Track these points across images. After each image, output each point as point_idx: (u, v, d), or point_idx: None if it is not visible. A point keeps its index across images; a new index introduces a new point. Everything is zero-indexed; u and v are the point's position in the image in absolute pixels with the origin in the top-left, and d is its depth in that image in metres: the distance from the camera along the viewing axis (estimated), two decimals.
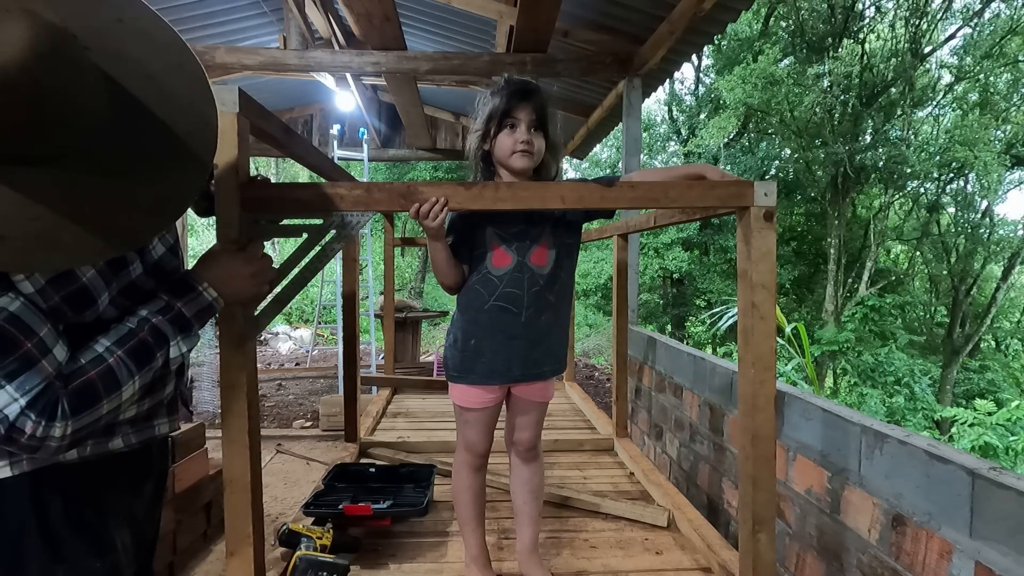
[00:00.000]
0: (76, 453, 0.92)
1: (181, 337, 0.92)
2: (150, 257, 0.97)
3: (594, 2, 3.58)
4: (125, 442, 0.99)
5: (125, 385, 0.85)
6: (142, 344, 0.88)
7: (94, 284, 0.86)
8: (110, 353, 0.85)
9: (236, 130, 1.06)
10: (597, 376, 8.29)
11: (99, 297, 0.87)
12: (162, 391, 1.03)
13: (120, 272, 0.91)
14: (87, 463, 0.94)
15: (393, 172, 14.80)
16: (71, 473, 0.92)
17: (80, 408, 0.81)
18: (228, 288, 0.99)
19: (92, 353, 0.84)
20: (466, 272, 1.50)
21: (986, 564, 1.07)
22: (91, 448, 0.94)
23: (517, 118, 1.39)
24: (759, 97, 12.58)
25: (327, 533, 1.67)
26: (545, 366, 1.53)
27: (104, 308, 0.88)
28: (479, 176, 1.50)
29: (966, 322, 13.79)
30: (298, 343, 10.40)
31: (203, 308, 0.95)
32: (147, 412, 1.02)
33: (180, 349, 0.92)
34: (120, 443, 0.98)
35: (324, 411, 4.95)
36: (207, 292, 0.95)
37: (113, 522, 0.98)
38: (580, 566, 1.73)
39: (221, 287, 0.97)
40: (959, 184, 14.43)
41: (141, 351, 0.87)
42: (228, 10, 4.73)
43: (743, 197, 1.22)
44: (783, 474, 1.73)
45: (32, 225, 0.70)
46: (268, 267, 1.06)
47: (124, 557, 0.99)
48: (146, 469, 1.07)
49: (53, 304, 0.81)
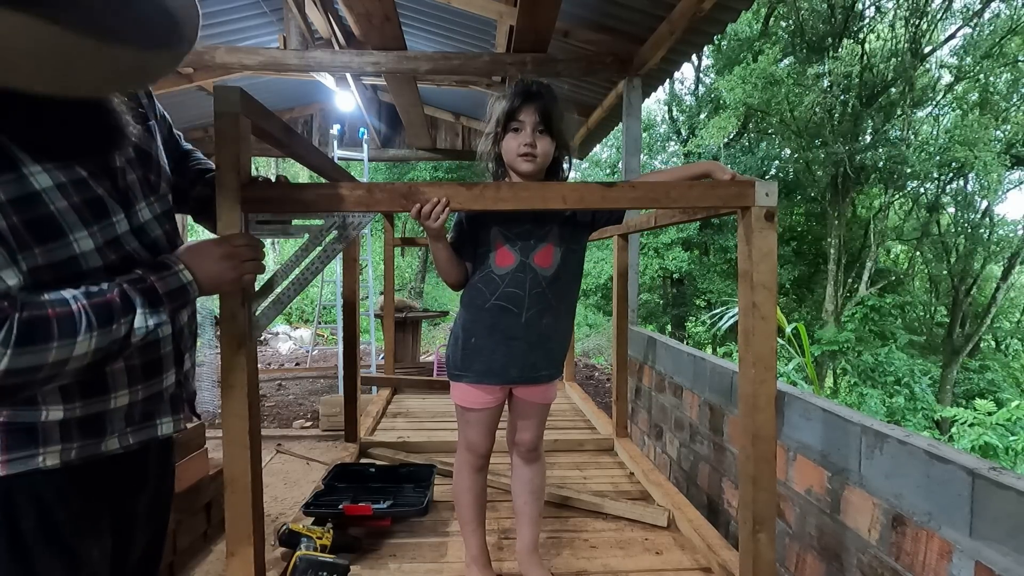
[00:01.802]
0: (59, 458, 0.88)
1: (149, 310, 0.88)
2: (136, 218, 0.95)
3: (594, 2, 3.58)
4: (122, 443, 0.95)
5: (80, 336, 0.80)
6: (108, 304, 0.84)
7: (65, 217, 0.83)
8: (75, 300, 0.81)
9: (238, 130, 1.06)
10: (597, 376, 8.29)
11: (71, 233, 0.84)
12: (159, 380, 0.99)
13: (103, 220, 0.89)
14: (71, 469, 0.89)
15: (393, 172, 14.80)
16: (52, 481, 0.88)
17: (27, 340, 0.75)
18: (203, 270, 0.96)
19: (57, 295, 0.81)
20: (469, 270, 1.50)
21: (986, 564, 1.07)
22: (77, 452, 0.89)
23: (522, 121, 1.39)
24: (759, 97, 12.58)
25: (327, 533, 1.67)
26: (542, 371, 1.52)
27: (85, 254, 0.86)
28: (494, 178, 1.50)
29: (966, 322, 13.79)
30: (298, 343, 10.40)
31: (176, 288, 0.92)
32: (145, 406, 0.98)
33: (146, 322, 0.87)
34: (116, 444, 0.94)
35: (324, 411, 4.96)
36: (182, 273, 0.93)
37: (91, 537, 0.94)
38: (580, 566, 1.73)
39: (196, 269, 0.95)
40: (959, 184, 14.43)
41: (105, 310, 0.83)
42: (228, 10, 4.73)
43: (744, 197, 1.22)
44: (783, 474, 1.73)
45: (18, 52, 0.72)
46: (246, 251, 1.01)
47: (101, 566, 0.95)
48: (141, 475, 1.03)
49: (12, 224, 0.78)
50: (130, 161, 0.95)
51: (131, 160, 0.95)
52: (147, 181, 0.98)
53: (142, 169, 0.98)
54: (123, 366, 0.94)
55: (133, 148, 0.96)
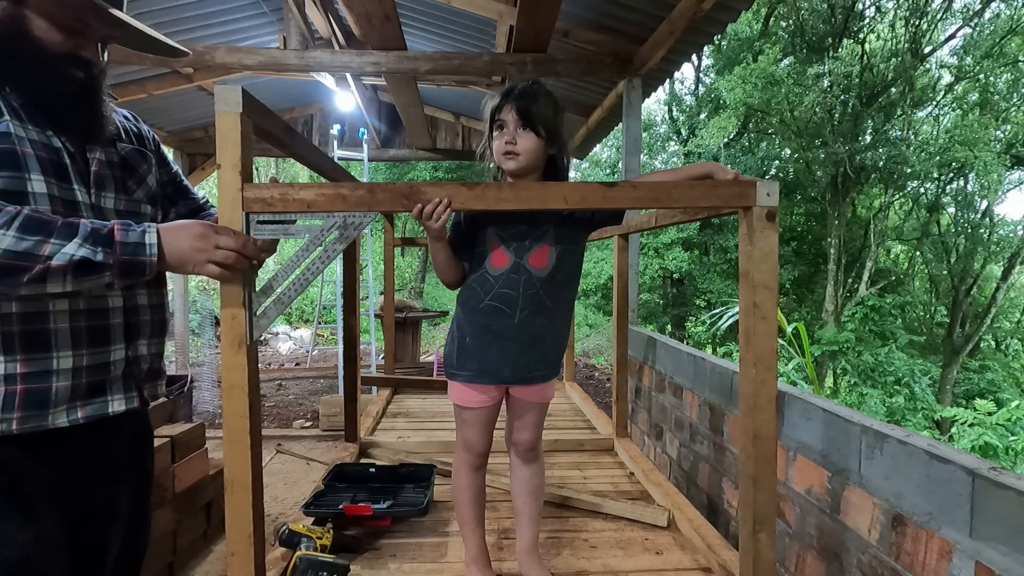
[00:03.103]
0: (3, 426, 0.91)
1: (89, 246, 0.88)
2: (99, 201, 1.02)
3: (594, 2, 3.58)
4: (70, 417, 0.97)
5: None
6: (44, 221, 0.87)
7: (27, 160, 0.93)
8: (14, 207, 0.86)
9: (239, 130, 1.06)
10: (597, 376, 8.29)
11: (28, 172, 0.92)
12: (105, 350, 1.01)
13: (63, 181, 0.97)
14: (15, 438, 0.92)
15: (393, 172, 14.80)
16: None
17: None
18: (173, 244, 0.96)
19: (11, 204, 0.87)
20: (466, 270, 1.50)
21: (986, 564, 1.07)
22: (19, 423, 0.92)
23: (504, 119, 1.39)
24: (759, 97, 12.58)
25: (327, 533, 1.67)
26: (536, 371, 1.52)
27: (36, 194, 0.93)
28: (493, 178, 1.50)
29: (966, 322, 13.79)
30: (298, 343, 10.40)
31: (134, 242, 0.92)
32: (90, 375, 0.99)
33: (73, 254, 0.86)
34: (64, 418, 0.96)
35: (324, 411, 4.96)
36: (148, 233, 0.94)
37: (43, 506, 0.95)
38: (580, 566, 1.73)
39: (166, 239, 0.95)
40: (959, 184, 14.43)
41: (37, 223, 0.86)
42: (228, 10, 4.73)
43: (745, 197, 1.22)
44: (783, 474, 1.73)
45: None
46: (226, 241, 1.01)
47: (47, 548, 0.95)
48: (109, 466, 1.07)
49: None
50: (110, 163, 1.06)
51: (111, 163, 1.07)
52: (122, 182, 1.08)
53: (121, 172, 1.08)
54: (67, 327, 0.96)
55: (117, 156, 1.08)
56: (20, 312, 0.92)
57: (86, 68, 1.00)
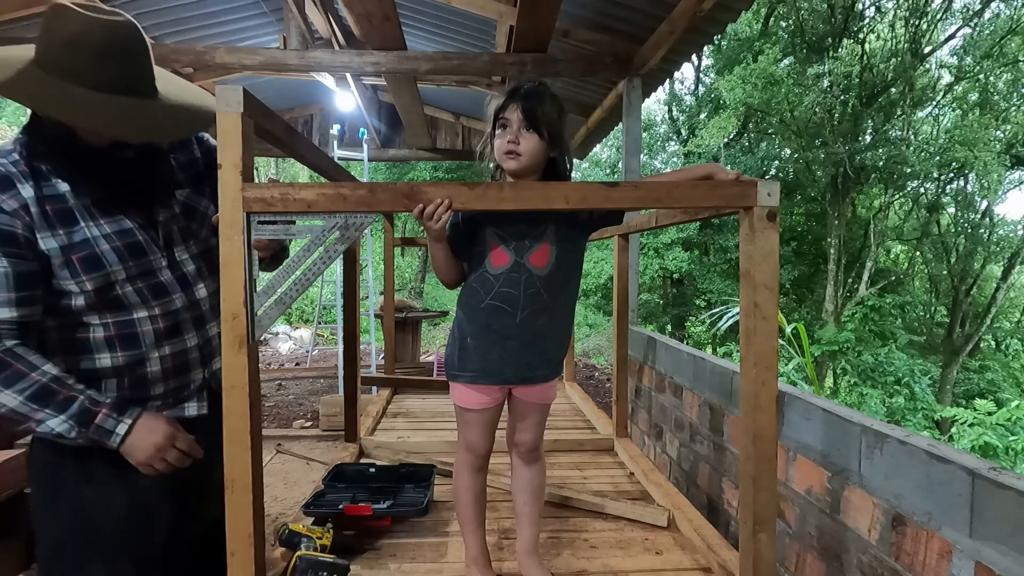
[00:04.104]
0: None
1: (70, 423, 1.09)
2: (173, 256, 1.25)
3: (594, 2, 3.58)
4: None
5: (6, 391, 1.06)
6: (53, 393, 1.09)
7: (106, 256, 1.14)
8: (43, 375, 1.09)
9: (240, 130, 1.06)
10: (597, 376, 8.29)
11: (109, 267, 1.14)
12: (187, 376, 1.26)
13: (140, 258, 1.18)
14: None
15: (393, 172, 14.79)
16: None
17: None
18: (138, 441, 1.14)
19: (40, 361, 1.10)
20: (465, 270, 1.50)
21: (986, 564, 1.07)
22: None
23: (507, 119, 1.39)
24: (759, 97, 12.58)
25: (327, 533, 1.67)
26: (537, 370, 1.51)
27: (119, 281, 1.15)
28: (492, 178, 1.50)
29: (966, 322, 13.79)
30: (298, 343, 10.40)
31: (105, 429, 1.11)
32: (175, 394, 1.25)
33: (56, 427, 1.09)
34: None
35: (324, 411, 4.96)
36: (119, 427, 1.13)
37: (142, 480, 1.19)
38: (580, 566, 1.73)
39: (135, 435, 1.14)
40: (959, 184, 14.44)
41: (46, 394, 1.08)
42: (228, 10, 4.73)
43: (746, 197, 1.22)
44: (783, 474, 1.73)
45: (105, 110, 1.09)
46: (176, 459, 1.18)
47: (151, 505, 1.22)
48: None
49: (67, 260, 1.10)
50: (174, 216, 1.25)
51: (175, 215, 1.25)
52: (188, 229, 1.27)
53: (185, 221, 1.27)
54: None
55: (180, 205, 1.26)
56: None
57: (135, 148, 1.18)
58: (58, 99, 1.06)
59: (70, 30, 1.05)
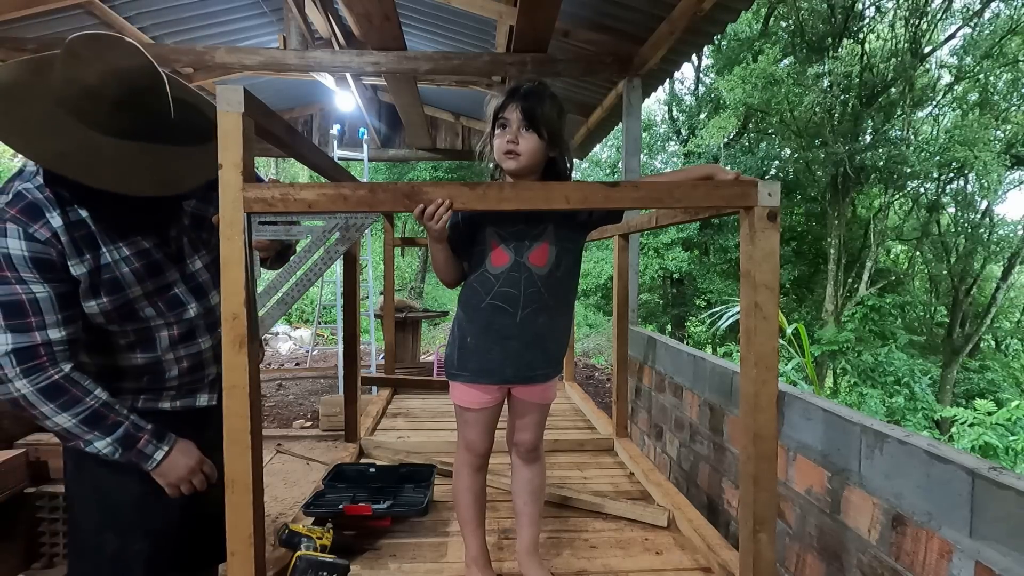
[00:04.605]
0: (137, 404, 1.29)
1: (114, 445, 1.18)
2: (187, 269, 1.31)
3: (594, 2, 3.58)
4: (171, 405, 1.34)
5: (66, 415, 1.15)
6: (104, 418, 1.18)
7: (125, 278, 1.20)
8: (95, 399, 1.17)
9: (241, 130, 1.06)
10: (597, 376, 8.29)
11: (128, 288, 1.21)
12: (201, 372, 1.36)
13: (156, 277, 1.25)
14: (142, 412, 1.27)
15: (393, 172, 14.78)
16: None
17: (43, 393, 1.13)
18: (172, 466, 1.25)
19: (93, 386, 1.18)
20: (466, 269, 1.50)
21: (986, 564, 1.07)
22: (144, 403, 1.30)
23: (507, 118, 1.39)
24: (759, 97, 12.58)
25: (327, 533, 1.67)
26: (538, 369, 1.52)
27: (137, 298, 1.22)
28: (491, 178, 1.49)
29: (966, 322, 13.79)
30: (298, 343, 10.39)
31: (146, 454, 1.22)
32: (189, 386, 1.35)
33: (102, 448, 1.18)
34: (167, 405, 1.33)
35: (324, 411, 4.96)
36: (157, 453, 1.23)
37: None
38: (580, 566, 1.73)
39: (171, 459, 1.25)
40: (959, 184, 14.44)
41: (97, 418, 1.17)
42: (228, 10, 4.73)
43: (747, 197, 1.22)
44: (783, 474, 1.73)
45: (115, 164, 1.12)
46: (201, 484, 1.30)
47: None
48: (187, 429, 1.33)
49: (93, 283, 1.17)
50: (184, 228, 1.30)
51: (184, 227, 1.30)
52: (199, 239, 1.33)
53: (195, 231, 1.32)
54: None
55: (188, 216, 1.31)
56: None
57: None
58: (82, 157, 1.09)
59: (88, 81, 1.08)
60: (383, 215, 3.87)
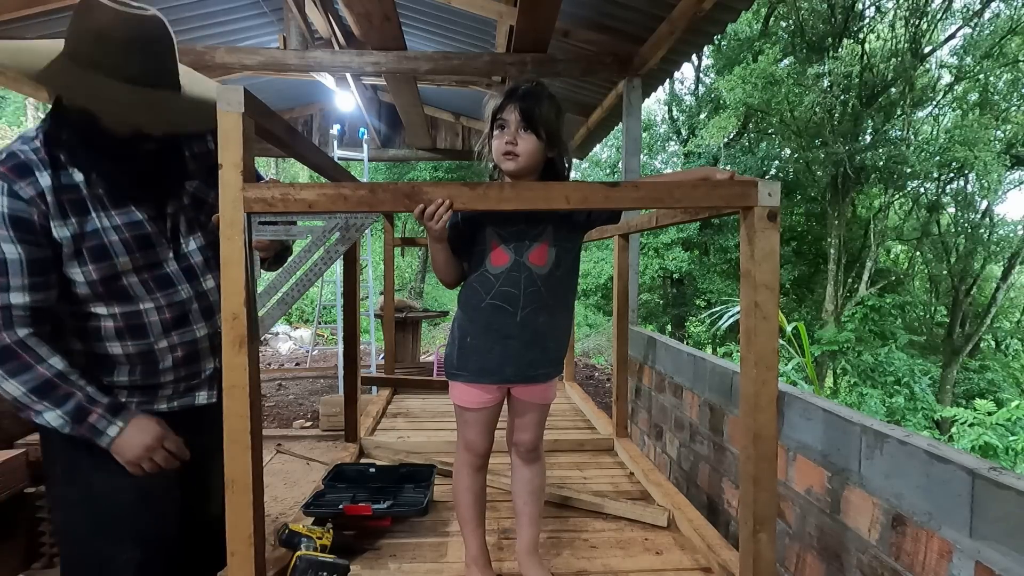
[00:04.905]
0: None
1: (65, 418, 1.14)
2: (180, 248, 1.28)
3: (594, 2, 3.58)
4: (168, 406, 1.30)
5: (13, 383, 1.11)
6: (54, 388, 1.13)
7: (114, 247, 1.18)
8: (48, 369, 1.13)
9: (241, 130, 1.06)
10: (597, 376, 8.29)
11: (116, 257, 1.17)
12: (198, 366, 1.32)
13: (147, 250, 1.22)
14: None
15: (393, 172, 14.79)
16: None
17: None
18: (129, 440, 1.19)
19: (49, 355, 1.14)
20: (465, 269, 1.50)
21: (986, 564, 1.07)
22: (139, 406, 1.25)
23: (506, 119, 1.39)
24: (759, 97, 12.58)
25: (327, 533, 1.67)
26: (539, 369, 1.52)
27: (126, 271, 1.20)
28: (490, 178, 1.50)
29: (966, 322, 13.79)
30: (298, 343, 10.39)
31: (98, 429, 1.17)
32: (186, 381, 1.31)
33: (52, 421, 1.14)
34: (164, 406, 1.30)
35: (324, 411, 4.96)
36: (111, 428, 1.18)
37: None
38: (580, 566, 1.73)
39: (126, 433, 1.19)
40: (959, 184, 14.44)
41: (48, 388, 1.13)
42: (228, 10, 4.73)
43: (747, 197, 1.22)
44: (783, 474, 1.73)
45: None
46: (163, 459, 1.24)
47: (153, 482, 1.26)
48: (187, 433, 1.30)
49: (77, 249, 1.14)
50: (183, 207, 1.28)
51: (183, 206, 1.28)
52: (197, 220, 1.30)
53: (194, 212, 1.29)
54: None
55: (189, 196, 1.29)
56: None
57: (156, 140, 1.21)
58: (87, 89, 1.09)
59: (99, 23, 1.08)
60: (383, 215, 3.87)
